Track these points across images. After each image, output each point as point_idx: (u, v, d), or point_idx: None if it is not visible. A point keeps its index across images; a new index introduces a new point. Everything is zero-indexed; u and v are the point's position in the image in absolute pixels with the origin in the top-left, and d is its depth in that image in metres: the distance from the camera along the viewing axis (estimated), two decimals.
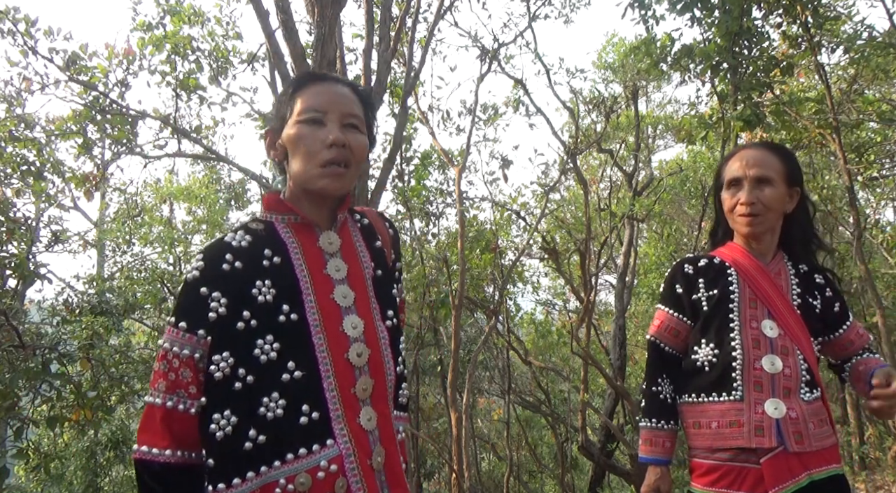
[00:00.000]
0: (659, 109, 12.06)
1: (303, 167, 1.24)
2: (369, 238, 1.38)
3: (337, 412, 1.19)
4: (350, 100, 1.29)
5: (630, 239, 9.29)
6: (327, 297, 1.24)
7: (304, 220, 1.29)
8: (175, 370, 1.16)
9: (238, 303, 1.18)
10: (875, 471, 6.78)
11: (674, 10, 4.64)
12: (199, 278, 1.19)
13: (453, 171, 7.39)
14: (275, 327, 1.19)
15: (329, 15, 3.44)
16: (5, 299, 4.37)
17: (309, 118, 1.24)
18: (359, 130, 1.28)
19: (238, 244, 1.23)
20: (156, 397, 1.16)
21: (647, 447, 1.88)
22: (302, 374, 1.18)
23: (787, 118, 4.97)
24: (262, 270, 1.22)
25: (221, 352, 1.16)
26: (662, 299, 1.96)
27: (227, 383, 1.15)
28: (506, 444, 8.93)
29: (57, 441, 7.95)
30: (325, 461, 1.15)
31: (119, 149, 6.90)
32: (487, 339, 7.76)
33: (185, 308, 1.19)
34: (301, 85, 1.29)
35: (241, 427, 1.13)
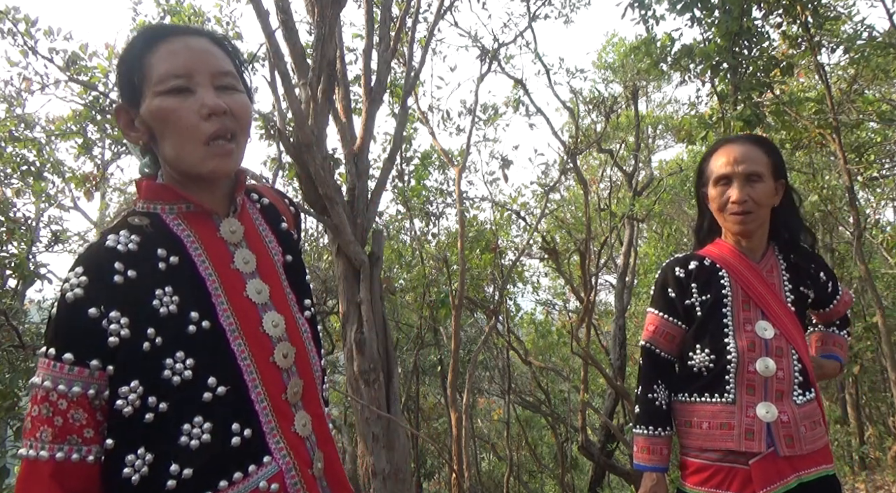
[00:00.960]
0: (659, 109, 12.06)
1: (180, 149, 1.01)
2: (273, 220, 1.20)
3: (270, 424, 1.04)
4: (215, 54, 1.06)
5: (630, 239, 9.29)
6: (240, 295, 1.06)
7: (198, 207, 1.07)
8: (62, 414, 0.94)
9: (140, 321, 0.97)
10: (875, 471, 6.78)
11: (674, 10, 4.64)
12: (84, 297, 0.95)
13: (453, 171, 7.39)
14: (184, 341, 0.99)
15: (329, 15, 3.44)
16: (5, 299, 4.37)
17: (172, 87, 1.00)
18: (236, 88, 1.06)
19: (125, 248, 1.00)
20: (39, 450, 0.93)
21: (645, 454, 1.83)
22: (226, 389, 1.00)
23: (787, 118, 4.97)
24: (159, 275, 1.01)
25: (129, 382, 0.95)
26: (654, 303, 1.91)
27: (136, 417, 0.96)
28: (506, 444, 8.94)
29: None
30: (264, 482, 1.01)
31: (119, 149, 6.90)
32: (487, 339, 7.76)
33: (70, 335, 0.95)
34: (149, 44, 1.03)
35: (160, 464, 0.96)
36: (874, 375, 8.27)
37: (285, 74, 3.45)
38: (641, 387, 1.88)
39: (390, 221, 8.96)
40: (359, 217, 3.97)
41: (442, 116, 8.12)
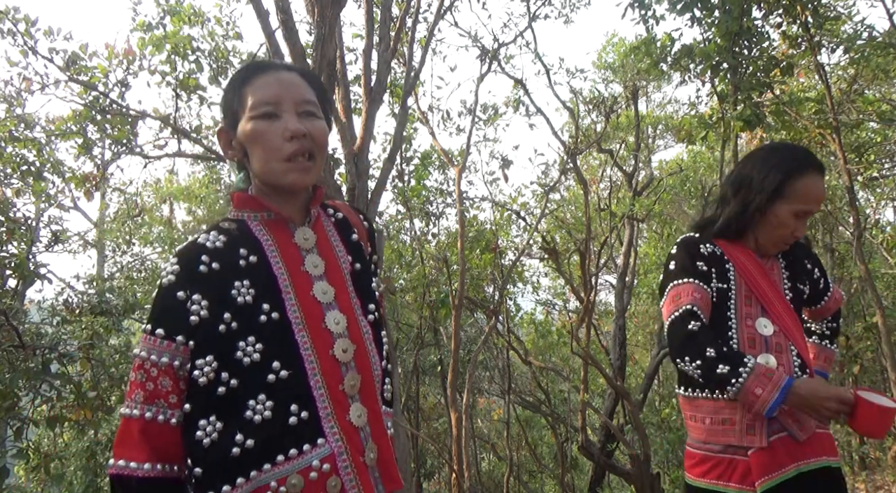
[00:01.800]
0: (659, 109, 12.06)
1: (266, 164, 1.20)
2: (345, 232, 1.35)
3: (326, 410, 1.16)
4: (300, 86, 1.24)
5: (630, 239, 9.29)
6: (307, 294, 1.21)
7: (277, 216, 1.25)
8: (153, 380, 1.12)
9: (218, 305, 1.15)
10: (875, 471, 6.78)
11: (674, 10, 4.64)
12: (175, 282, 1.15)
13: (453, 171, 7.39)
14: (256, 328, 1.16)
15: (329, 15, 3.43)
16: (5, 299, 4.37)
17: (263, 113, 1.20)
18: (315, 115, 1.24)
19: (213, 245, 1.20)
20: (133, 409, 1.12)
21: (772, 377, 1.60)
22: (288, 373, 1.15)
23: (787, 118, 4.97)
24: (239, 270, 1.19)
25: (204, 356, 1.13)
26: (684, 274, 1.76)
27: (211, 389, 1.12)
28: (506, 444, 8.94)
29: (57, 441, 7.95)
30: (316, 461, 1.13)
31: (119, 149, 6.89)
32: (487, 339, 7.76)
33: (162, 314, 1.15)
34: (247, 78, 1.24)
35: (228, 432, 1.11)
36: (874, 375, 8.26)
37: None
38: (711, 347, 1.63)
39: (390, 221, 8.96)
40: None
41: (442, 116, 8.13)
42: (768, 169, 1.76)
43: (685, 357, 1.68)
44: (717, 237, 1.85)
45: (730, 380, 1.60)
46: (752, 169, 1.79)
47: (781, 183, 1.73)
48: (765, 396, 1.59)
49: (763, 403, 1.59)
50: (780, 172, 1.74)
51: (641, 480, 5.48)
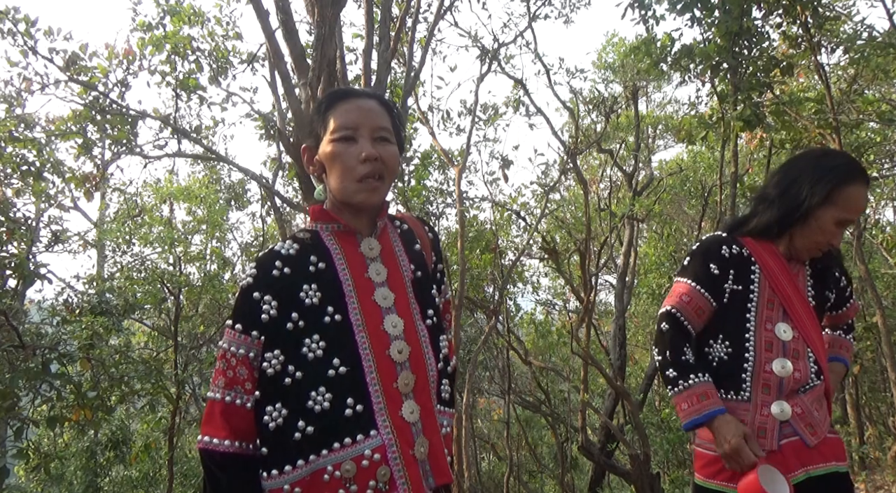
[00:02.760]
0: (659, 109, 12.06)
1: (340, 183, 1.33)
2: (409, 243, 1.46)
3: (380, 404, 1.27)
4: (378, 113, 1.36)
5: (630, 239, 9.29)
6: (369, 298, 1.33)
7: (346, 228, 1.38)
8: (232, 368, 1.27)
9: (287, 306, 1.29)
10: (875, 471, 6.78)
11: (674, 10, 4.64)
12: (253, 285, 1.30)
13: (453, 171, 7.39)
14: (321, 328, 1.28)
15: (329, 15, 3.43)
16: (5, 299, 4.36)
17: (342, 136, 1.32)
18: (389, 141, 1.36)
19: (287, 252, 1.34)
20: (216, 393, 1.27)
21: (705, 401, 1.70)
22: (346, 369, 1.26)
23: (787, 118, 4.97)
24: (308, 275, 1.32)
25: (273, 350, 1.26)
26: (690, 274, 1.82)
27: (277, 379, 1.26)
28: (506, 444, 8.94)
29: (57, 441, 7.95)
30: (368, 450, 1.24)
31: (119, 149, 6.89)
32: (487, 339, 7.76)
33: (241, 312, 1.30)
34: (331, 103, 1.37)
35: (291, 419, 1.24)
36: (874, 375, 8.27)
37: (285, 74, 3.45)
38: (670, 351, 1.77)
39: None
40: None
41: (442, 116, 8.12)
42: (821, 173, 1.72)
43: (655, 349, 1.84)
44: (754, 237, 1.83)
45: (670, 384, 1.77)
46: (802, 172, 1.76)
47: (833, 189, 1.71)
48: (687, 411, 1.72)
49: (684, 416, 1.74)
50: (833, 178, 1.71)
51: (641, 480, 5.48)
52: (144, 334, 9.83)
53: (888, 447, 7.05)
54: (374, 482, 1.23)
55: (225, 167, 11.37)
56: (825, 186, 1.71)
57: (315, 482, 1.23)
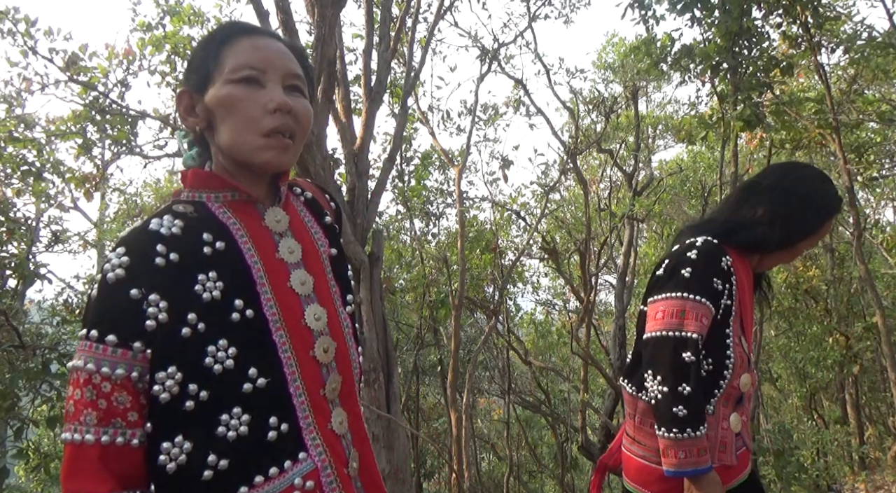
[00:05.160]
0: (659, 109, 12.05)
1: (239, 136, 1.02)
2: (318, 214, 1.20)
3: (307, 419, 1.03)
4: (289, 57, 1.08)
5: (630, 239, 9.29)
6: (284, 285, 1.05)
7: (243, 195, 1.07)
8: (106, 397, 0.93)
9: (180, 305, 0.96)
10: (875, 471, 6.78)
11: (674, 10, 4.64)
12: (127, 278, 0.95)
13: (453, 171, 7.39)
14: (227, 329, 0.98)
15: (329, 15, 3.44)
16: (5, 299, 4.37)
17: (244, 76, 1.02)
18: (302, 93, 1.08)
19: (169, 232, 0.99)
20: (84, 434, 0.92)
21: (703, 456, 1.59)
22: (266, 381, 0.99)
23: (787, 118, 4.97)
24: (203, 260, 0.99)
25: (166, 367, 0.94)
26: (702, 292, 1.63)
27: (175, 404, 0.94)
28: (506, 444, 8.94)
29: (57, 441, 7.95)
30: (299, 479, 0.99)
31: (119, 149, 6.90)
32: (487, 339, 7.76)
33: (112, 316, 0.94)
34: (228, 37, 1.06)
35: (198, 454, 0.94)
36: (874, 375, 8.27)
37: None
38: (691, 389, 1.58)
39: (390, 221, 8.96)
40: (359, 217, 3.97)
41: (442, 116, 8.13)
42: (819, 206, 1.72)
43: (661, 376, 1.61)
44: (739, 249, 1.74)
45: (673, 426, 1.58)
46: (809, 199, 1.72)
47: (824, 223, 1.74)
48: (683, 461, 1.59)
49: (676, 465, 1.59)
50: (831, 212, 1.74)
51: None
52: None
53: (888, 447, 7.05)
54: None
55: None
56: (820, 220, 1.73)
57: None
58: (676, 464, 1.59)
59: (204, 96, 1.05)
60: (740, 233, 1.73)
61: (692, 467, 1.58)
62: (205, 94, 1.04)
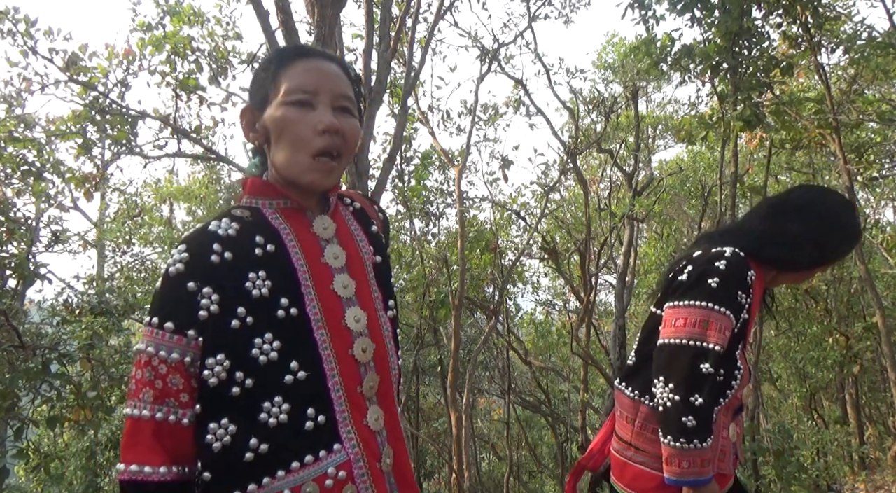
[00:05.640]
0: (659, 109, 12.05)
1: (290, 156, 1.11)
2: (364, 223, 1.27)
3: (343, 413, 1.10)
4: (341, 79, 1.16)
5: (630, 239, 9.29)
6: (327, 288, 1.13)
7: (295, 204, 1.16)
8: (162, 377, 1.03)
9: (231, 299, 1.06)
10: (875, 471, 6.78)
11: (674, 10, 4.64)
12: (185, 272, 1.06)
13: (453, 171, 7.39)
14: (273, 324, 1.07)
15: (329, 15, 3.43)
16: (5, 299, 4.37)
17: (297, 99, 1.11)
18: (351, 113, 1.16)
19: (225, 233, 1.10)
20: (142, 410, 1.03)
21: (707, 467, 1.59)
22: (306, 374, 1.07)
23: (787, 118, 4.97)
24: (254, 260, 1.09)
25: (216, 355, 1.04)
26: (728, 304, 1.61)
27: (223, 389, 1.04)
28: (506, 444, 8.95)
29: (57, 441, 7.95)
30: (332, 468, 1.06)
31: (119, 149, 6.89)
32: (487, 339, 7.76)
33: (171, 306, 1.05)
34: (286, 60, 1.15)
35: (241, 436, 1.03)
36: (874, 375, 8.27)
37: None
38: (704, 400, 1.56)
39: (390, 221, 8.94)
40: None
41: (442, 116, 8.13)
42: (849, 235, 1.75)
43: (673, 384, 1.58)
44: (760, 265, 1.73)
45: (681, 436, 1.56)
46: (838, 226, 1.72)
47: (848, 252, 1.81)
48: (686, 471, 1.58)
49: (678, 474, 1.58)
50: (853, 244, 1.78)
51: None
52: None
53: (888, 447, 7.05)
54: None
55: (225, 167, 11.39)
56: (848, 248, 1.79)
57: None
58: (679, 473, 1.58)
59: (263, 115, 1.15)
60: (772, 249, 1.71)
61: (694, 476, 1.57)
62: (264, 112, 1.14)
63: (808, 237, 1.69)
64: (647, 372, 1.70)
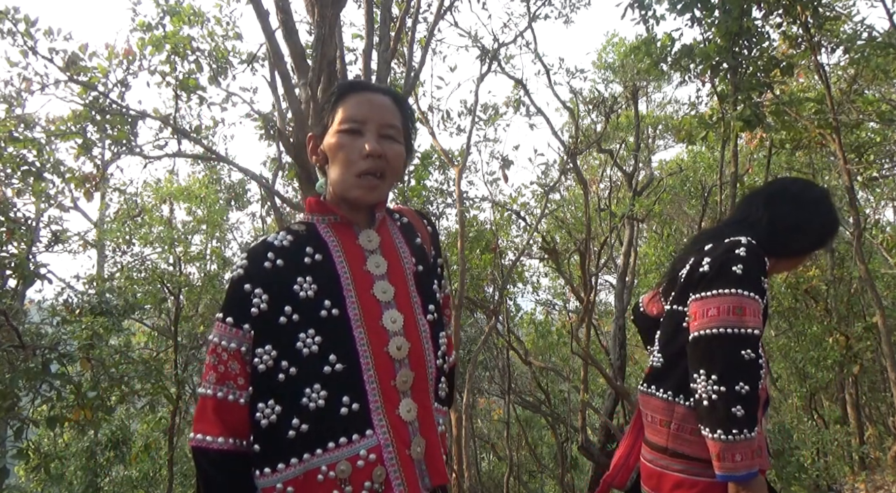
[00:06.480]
0: (659, 109, 12.05)
1: (340, 176, 1.29)
2: (409, 236, 1.43)
3: (377, 403, 1.24)
4: (389, 109, 1.33)
5: (630, 239, 9.29)
6: (367, 292, 1.29)
7: (343, 219, 1.35)
8: (224, 363, 1.23)
9: (279, 299, 1.24)
10: (875, 471, 6.78)
11: (674, 10, 4.64)
12: (243, 276, 1.25)
13: (453, 171, 7.39)
14: (316, 322, 1.24)
15: (329, 15, 3.43)
16: (5, 299, 4.37)
17: (348, 129, 1.29)
18: (395, 140, 1.32)
19: (280, 244, 1.29)
20: (207, 389, 1.23)
21: (758, 458, 1.56)
22: (343, 366, 1.23)
23: (787, 118, 4.97)
24: (303, 267, 1.28)
25: (264, 345, 1.22)
26: (753, 287, 1.61)
27: (270, 375, 1.21)
28: (506, 444, 8.94)
29: (57, 441, 7.95)
30: (364, 451, 1.21)
31: (119, 149, 6.89)
32: (487, 339, 7.76)
33: (231, 304, 1.25)
34: (343, 94, 1.34)
35: (285, 416, 1.20)
36: (874, 375, 8.27)
37: (285, 74, 3.45)
38: (752, 388, 1.53)
39: None
40: None
41: (442, 116, 8.12)
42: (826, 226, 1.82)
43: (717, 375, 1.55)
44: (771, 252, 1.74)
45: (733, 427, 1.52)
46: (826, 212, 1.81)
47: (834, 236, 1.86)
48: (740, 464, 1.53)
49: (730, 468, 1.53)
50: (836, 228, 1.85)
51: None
52: (144, 334, 9.83)
53: (888, 447, 7.05)
54: (370, 483, 1.21)
55: (225, 167, 11.38)
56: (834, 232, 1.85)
57: (309, 482, 1.20)
58: (733, 467, 1.52)
59: (323, 141, 1.35)
60: (780, 237, 1.76)
61: (747, 469, 1.53)
62: (323, 140, 1.35)
63: (801, 223, 1.77)
64: (677, 371, 1.67)
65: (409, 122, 1.39)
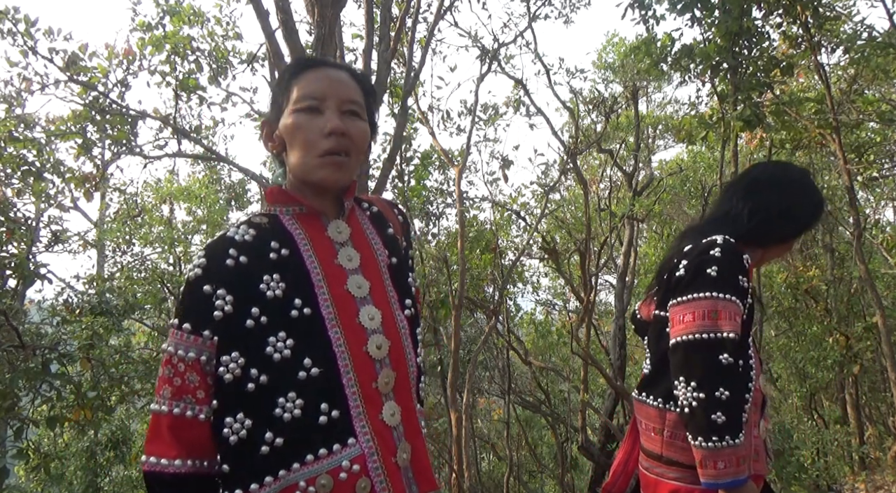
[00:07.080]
0: (659, 109, 12.05)
1: (301, 158, 1.18)
2: (380, 226, 1.32)
3: (358, 408, 1.13)
4: (349, 85, 1.22)
5: (630, 239, 9.29)
6: (341, 288, 1.18)
7: (309, 210, 1.23)
8: (180, 375, 1.10)
9: (245, 300, 1.12)
10: (875, 471, 6.78)
11: (674, 10, 4.64)
12: (202, 276, 1.12)
13: (453, 171, 7.39)
14: (287, 323, 1.12)
15: (329, 15, 3.43)
16: (5, 299, 4.37)
17: (306, 106, 1.18)
18: (359, 116, 1.22)
19: (241, 239, 1.16)
20: (161, 405, 1.10)
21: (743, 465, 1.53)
22: (319, 371, 1.11)
23: (787, 118, 4.98)
24: (269, 263, 1.15)
25: (230, 352, 1.10)
26: (732, 290, 1.57)
27: (238, 385, 1.09)
28: (506, 444, 8.94)
29: (57, 441, 7.95)
30: (346, 461, 1.10)
31: (119, 149, 6.89)
32: (487, 339, 7.76)
33: (189, 308, 1.13)
34: (297, 72, 1.23)
35: (257, 430, 1.08)
36: (874, 375, 8.26)
37: None
38: (731, 392, 1.50)
39: None
40: None
41: (442, 116, 8.12)
42: (815, 205, 1.76)
43: (696, 382, 1.53)
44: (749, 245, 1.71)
45: (712, 434, 1.50)
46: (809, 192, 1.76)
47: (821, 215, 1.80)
48: (723, 472, 1.51)
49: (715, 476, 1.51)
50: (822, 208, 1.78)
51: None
52: (144, 334, 9.84)
53: (888, 447, 7.05)
54: None
55: (225, 167, 11.38)
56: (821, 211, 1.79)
57: None
58: (716, 475, 1.51)
59: (278, 125, 1.22)
60: (763, 226, 1.70)
61: (731, 477, 1.51)
62: (279, 123, 1.22)
63: (790, 207, 1.71)
64: (666, 378, 1.65)
65: (371, 98, 1.28)
